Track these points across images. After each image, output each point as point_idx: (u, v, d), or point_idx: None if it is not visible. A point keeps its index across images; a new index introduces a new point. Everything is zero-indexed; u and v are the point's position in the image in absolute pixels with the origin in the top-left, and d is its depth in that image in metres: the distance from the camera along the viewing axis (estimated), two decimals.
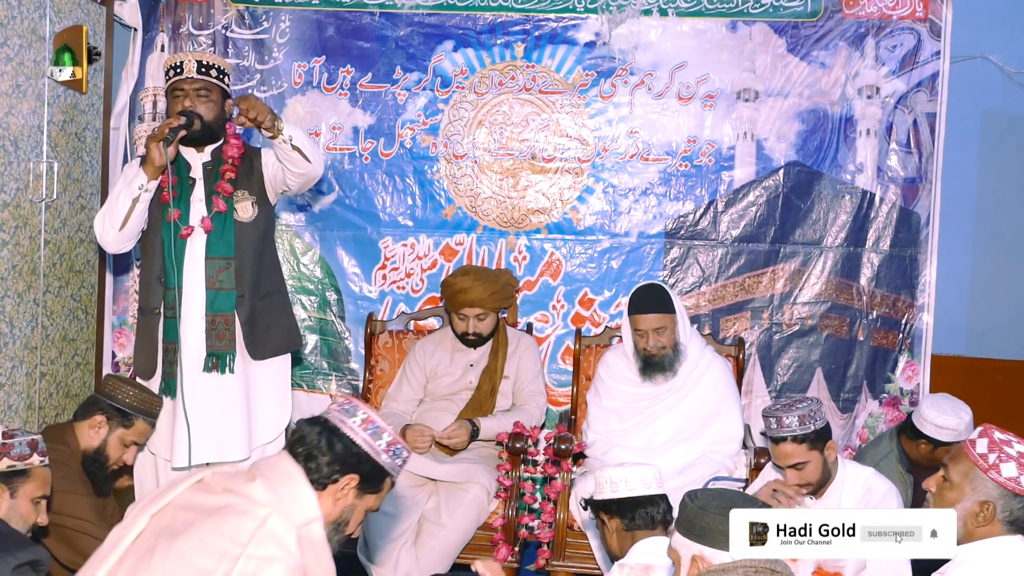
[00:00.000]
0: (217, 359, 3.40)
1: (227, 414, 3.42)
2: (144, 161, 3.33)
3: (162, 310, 3.42)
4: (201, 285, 3.40)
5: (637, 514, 2.67)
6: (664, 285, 3.92)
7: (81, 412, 3.22)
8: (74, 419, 3.23)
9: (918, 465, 3.66)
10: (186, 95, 3.41)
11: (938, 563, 2.30)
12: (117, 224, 3.35)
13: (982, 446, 2.28)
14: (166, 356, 3.42)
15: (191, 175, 3.45)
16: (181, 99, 3.41)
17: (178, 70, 3.42)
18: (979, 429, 2.33)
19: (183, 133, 3.32)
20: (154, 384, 3.46)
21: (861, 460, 3.64)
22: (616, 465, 2.76)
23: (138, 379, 3.52)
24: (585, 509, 2.82)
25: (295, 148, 3.33)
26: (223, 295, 3.41)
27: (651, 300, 3.79)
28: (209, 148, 3.49)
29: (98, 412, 3.16)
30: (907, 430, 3.69)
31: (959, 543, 2.26)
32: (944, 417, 3.55)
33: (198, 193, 3.44)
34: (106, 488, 3.20)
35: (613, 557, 2.76)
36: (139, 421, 3.19)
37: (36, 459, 2.59)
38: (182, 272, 3.37)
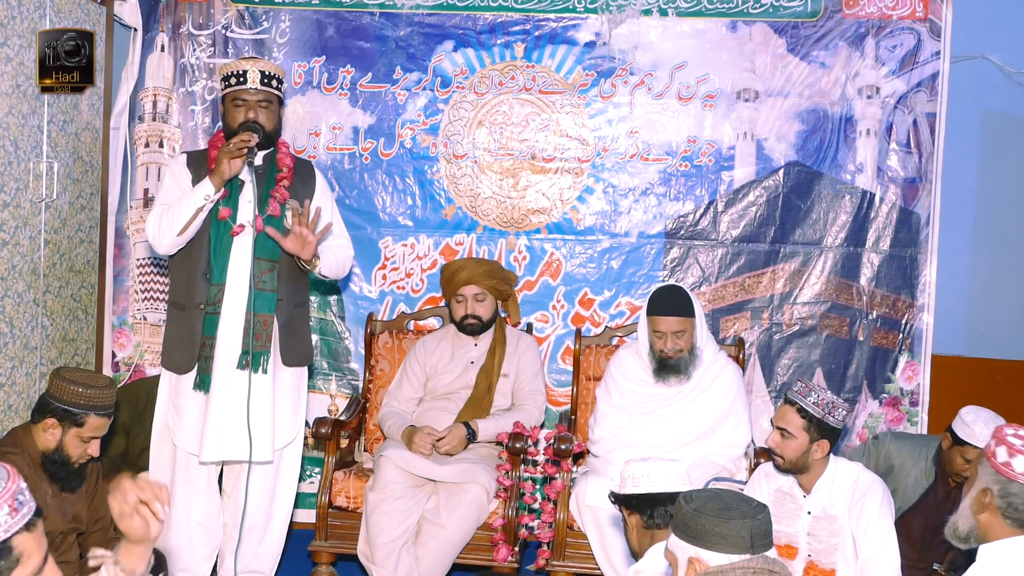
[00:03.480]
0: (252, 358, 3.43)
1: (255, 414, 3.44)
2: (214, 172, 3.37)
3: (204, 306, 3.45)
4: (245, 283, 3.43)
5: (656, 512, 2.63)
6: (685, 288, 3.91)
7: (34, 415, 3.17)
8: (31, 421, 3.19)
9: (947, 474, 3.65)
10: (249, 106, 3.46)
11: (964, 566, 2.33)
12: (176, 229, 3.38)
13: (993, 439, 2.34)
14: (202, 351, 3.45)
15: (240, 177, 3.48)
16: (244, 109, 3.47)
17: (241, 79, 3.46)
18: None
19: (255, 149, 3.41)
20: (188, 379, 3.48)
21: (902, 440, 3.81)
22: (641, 460, 2.73)
23: (166, 372, 3.54)
24: (613, 503, 2.80)
25: (321, 275, 3.59)
26: (265, 296, 3.45)
27: (673, 303, 3.77)
28: (260, 153, 3.54)
29: (48, 415, 3.09)
30: (955, 439, 3.64)
31: (977, 538, 2.32)
32: (978, 424, 3.47)
33: (247, 195, 3.48)
34: (75, 483, 3.18)
35: (633, 554, 2.75)
36: (91, 417, 3.10)
37: None
38: (227, 269, 3.42)
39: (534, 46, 4.57)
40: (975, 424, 3.49)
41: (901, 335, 4.51)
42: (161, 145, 4.65)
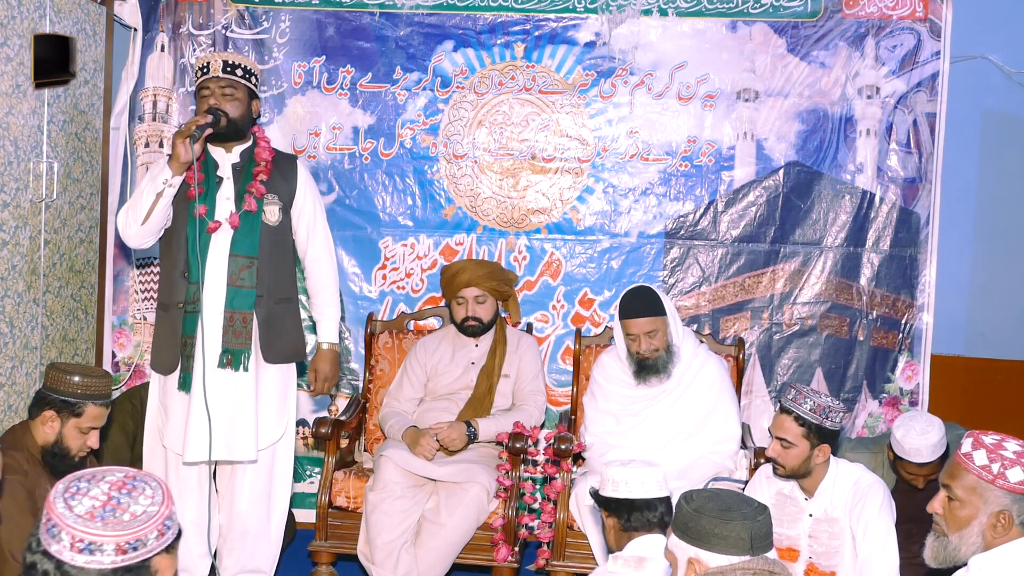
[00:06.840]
0: (232, 356, 3.42)
1: (238, 413, 3.44)
2: (171, 157, 3.35)
3: (183, 304, 3.44)
4: (223, 281, 3.42)
5: (633, 517, 2.68)
6: (653, 287, 3.90)
7: (32, 410, 3.18)
8: (29, 417, 3.20)
9: (900, 477, 3.65)
10: (212, 94, 3.45)
11: (953, 569, 2.31)
12: (140, 218, 3.37)
13: (980, 457, 2.24)
14: (184, 351, 3.44)
15: (218, 174, 3.48)
16: (208, 98, 3.46)
17: (205, 70, 3.47)
18: (968, 440, 2.28)
19: (209, 131, 3.36)
20: (174, 380, 3.47)
21: (860, 446, 3.73)
22: (622, 464, 2.76)
23: (155, 375, 3.54)
24: (594, 497, 2.83)
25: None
26: (243, 293, 3.44)
27: (641, 303, 3.78)
28: (237, 149, 3.52)
29: (46, 407, 3.10)
30: (889, 446, 3.67)
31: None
32: (909, 439, 3.49)
33: (225, 191, 3.47)
34: None
35: (610, 550, 2.78)
36: (89, 407, 3.10)
37: None
38: (205, 267, 3.40)
39: (534, 46, 4.57)
40: (915, 444, 3.47)
41: (901, 335, 4.51)
42: (161, 145, 4.65)
